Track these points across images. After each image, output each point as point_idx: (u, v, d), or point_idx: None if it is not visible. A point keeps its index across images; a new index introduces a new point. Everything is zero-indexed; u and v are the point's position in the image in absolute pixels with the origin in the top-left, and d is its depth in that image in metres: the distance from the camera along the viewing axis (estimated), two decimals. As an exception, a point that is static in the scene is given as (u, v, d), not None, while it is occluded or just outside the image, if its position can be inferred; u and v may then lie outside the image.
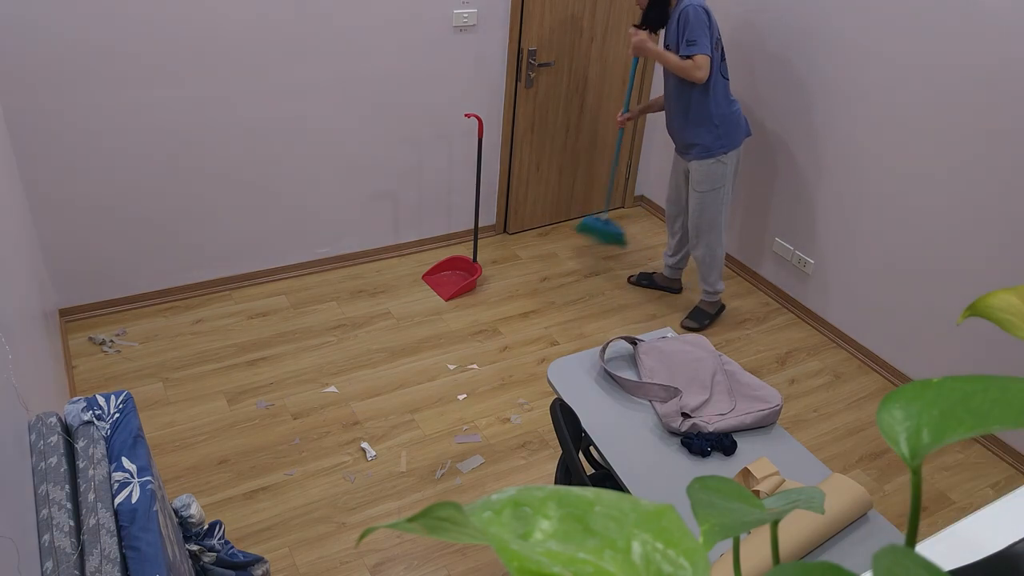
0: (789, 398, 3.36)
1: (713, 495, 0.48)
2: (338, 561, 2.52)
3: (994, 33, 2.81)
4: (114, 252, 3.43)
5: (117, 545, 1.47)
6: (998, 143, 2.89)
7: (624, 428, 2.10)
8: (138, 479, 1.60)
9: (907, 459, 0.41)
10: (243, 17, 3.20)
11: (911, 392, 0.43)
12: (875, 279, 3.49)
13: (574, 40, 4.05)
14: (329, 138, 3.66)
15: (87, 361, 3.26)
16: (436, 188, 4.10)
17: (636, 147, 4.63)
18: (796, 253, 3.86)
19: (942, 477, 3.03)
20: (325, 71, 3.49)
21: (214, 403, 3.10)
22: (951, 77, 2.99)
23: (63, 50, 2.95)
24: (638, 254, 4.35)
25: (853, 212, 3.52)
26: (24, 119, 2.99)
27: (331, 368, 3.32)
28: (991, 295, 0.52)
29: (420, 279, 3.97)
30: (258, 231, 3.73)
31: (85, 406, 1.73)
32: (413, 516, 0.36)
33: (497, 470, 2.91)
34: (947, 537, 0.62)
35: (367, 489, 2.78)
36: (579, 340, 3.62)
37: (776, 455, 2.04)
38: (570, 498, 0.39)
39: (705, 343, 2.38)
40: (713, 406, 2.16)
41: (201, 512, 1.95)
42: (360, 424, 3.05)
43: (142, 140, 3.25)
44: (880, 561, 0.35)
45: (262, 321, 3.58)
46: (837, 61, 3.42)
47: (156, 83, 3.17)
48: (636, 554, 0.37)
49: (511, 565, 0.34)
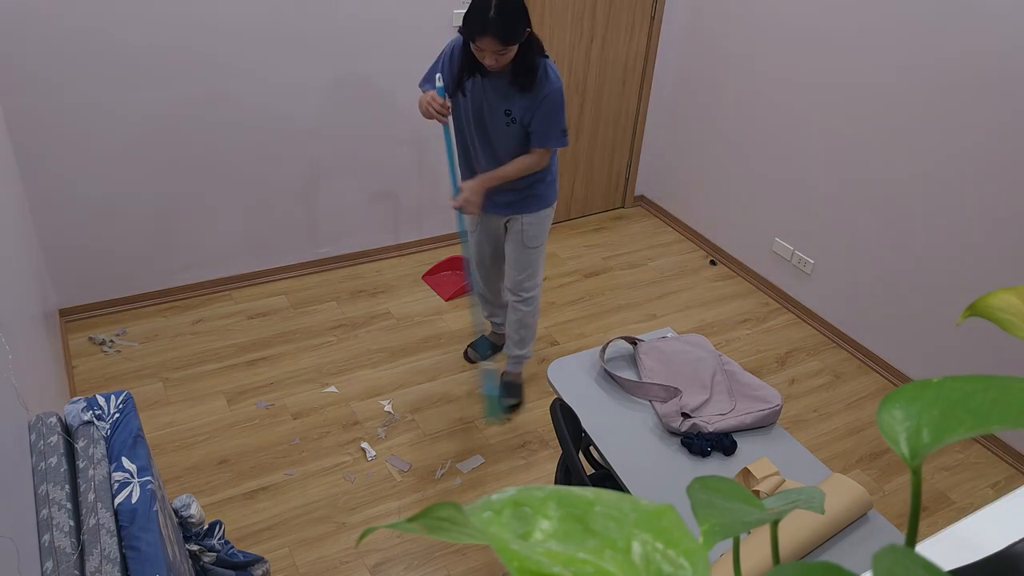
0: (789, 398, 3.36)
1: (713, 495, 0.48)
2: (338, 561, 2.52)
3: (995, 29, 2.81)
4: (114, 252, 3.43)
5: (117, 545, 1.47)
6: (999, 142, 2.89)
7: (624, 428, 2.10)
8: (138, 479, 1.60)
9: (907, 459, 0.41)
10: (243, 17, 3.20)
11: (911, 392, 0.43)
12: (875, 279, 3.49)
13: (574, 40, 4.05)
14: (329, 138, 3.66)
15: (87, 361, 3.26)
16: (436, 188, 4.10)
17: (636, 147, 4.63)
18: (796, 253, 3.86)
19: (942, 477, 3.03)
20: (325, 71, 3.49)
21: (214, 403, 3.10)
22: (951, 76, 2.99)
23: (63, 50, 2.94)
24: (638, 254, 4.35)
25: (853, 212, 3.52)
26: (24, 119, 2.99)
27: (331, 368, 3.32)
28: (991, 295, 0.52)
29: (420, 279, 3.97)
30: (258, 231, 3.73)
31: (85, 406, 1.73)
32: (413, 516, 0.36)
33: (497, 470, 2.91)
34: (947, 537, 0.62)
35: (367, 489, 2.78)
36: (579, 340, 3.62)
37: (776, 455, 2.04)
38: (570, 498, 0.39)
39: (705, 343, 2.38)
40: (713, 406, 2.16)
41: (201, 512, 1.95)
42: (360, 424, 3.05)
43: (142, 140, 3.25)
44: (880, 561, 0.35)
45: (262, 321, 3.58)
46: (837, 60, 3.42)
47: (156, 83, 3.16)
48: (636, 554, 0.37)
49: (511, 565, 0.34)
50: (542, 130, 2.60)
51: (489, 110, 2.61)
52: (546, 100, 2.54)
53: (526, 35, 2.43)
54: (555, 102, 2.55)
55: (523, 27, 2.40)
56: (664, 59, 4.37)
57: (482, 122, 2.65)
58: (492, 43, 2.36)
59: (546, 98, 2.54)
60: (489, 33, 2.35)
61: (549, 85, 2.53)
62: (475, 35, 2.37)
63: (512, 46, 2.40)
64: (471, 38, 2.40)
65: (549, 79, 2.53)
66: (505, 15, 2.34)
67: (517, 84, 2.52)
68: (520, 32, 2.39)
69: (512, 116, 2.59)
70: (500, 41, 2.36)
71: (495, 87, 2.56)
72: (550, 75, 2.53)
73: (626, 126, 4.53)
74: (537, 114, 2.56)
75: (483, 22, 2.34)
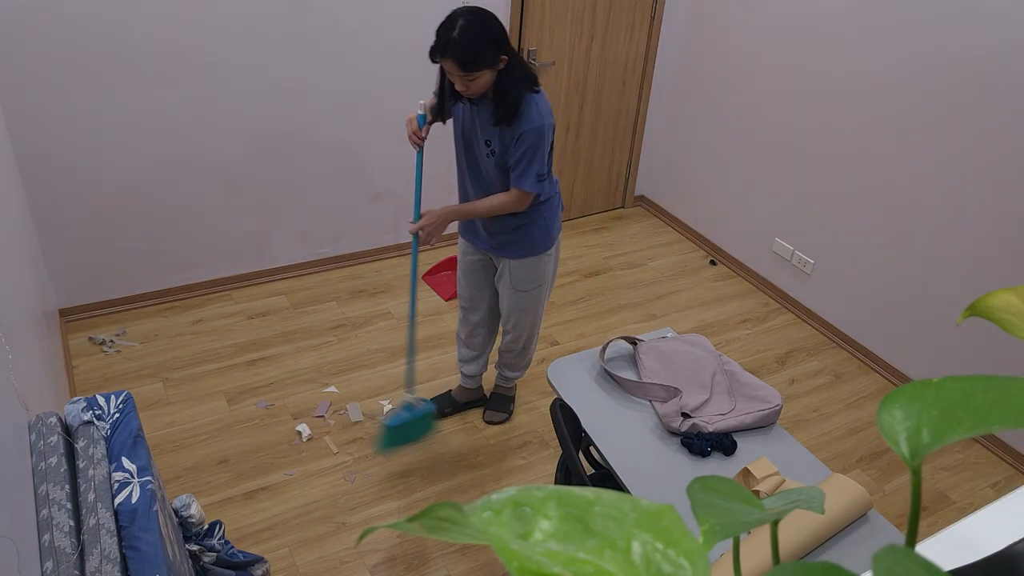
0: (789, 398, 3.36)
1: (713, 495, 0.48)
2: (338, 561, 2.52)
3: (995, 30, 2.81)
4: (114, 252, 3.43)
5: (117, 545, 1.47)
6: (999, 142, 2.89)
7: (624, 428, 2.10)
8: (138, 479, 1.60)
9: (907, 459, 0.41)
10: (244, 17, 3.20)
11: (911, 392, 0.43)
12: (875, 279, 3.49)
13: (574, 40, 4.05)
14: (329, 138, 3.66)
15: (87, 361, 3.26)
16: (436, 188, 4.09)
17: (636, 147, 4.63)
18: (796, 253, 3.86)
19: (942, 477, 3.03)
20: (325, 71, 3.49)
21: (214, 403, 3.10)
22: (951, 76, 2.99)
23: (63, 49, 2.94)
24: (638, 254, 4.36)
25: (853, 212, 3.52)
26: (24, 119, 2.99)
27: (331, 368, 3.32)
28: (991, 295, 0.52)
29: (420, 279, 3.97)
30: (258, 231, 3.73)
31: (85, 406, 1.73)
32: (413, 516, 0.36)
33: (497, 470, 2.91)
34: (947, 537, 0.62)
35: (367, 489, 2.78)
36: (579, 340, 3.62)
37: (776, 455, 2.04)
38: (570, 498, 0.39)
39: (705, 343, 2.38)
40: (713, 406, 2.16)
41: (201, 512, 1.95)
42: (360, 424, 3.05)
43: (142, 140, 3.25)
44: (880, 561, 0.35)
45: (262, 321, 3.58)
46: (837, 60, 3.42)
47: (156, 83, 3.17)
48: (636, 554, 0.37)
49: (511, 565, 0.34)
50: (518, 169, 2.37)
51: (475, 138, 2.44)
52: (522, 138, 2.31)
53: (500, 63, 2.24)
54: (532, 141, 2.31)
55: (492, 54, 2.20)
56: (664, 59, 4.37)
57: (470, 148, 2.49)
58: (452, 66, 2.20)
59: (522, 136, 2.30)
60: (449, 55, 2.17)
61: (528, 122, 2.29)
62: (436, 55, 2.20)
63: (477, 72, 2.20)
64: (432, 58, 2.23)
65: (530, 116, 2.29)
66: (468, 38, 2.15)
67: (495, 116, 2.32)
68: (487, 59, 2.19)
69: (492, 148, 2.40)
70: (459, 66, 2.18)
71: (480, 115, 2.39)
72: (532, 112, 2.30)
73: (626, 126, 4.53)
74: (514, 152, 2.35)
75: (444, 43, 2.17)
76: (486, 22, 2.20)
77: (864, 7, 3.25)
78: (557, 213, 2.64)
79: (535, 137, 2.31)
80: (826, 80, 3.49)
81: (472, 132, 2.45)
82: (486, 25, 2.20)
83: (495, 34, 2.21)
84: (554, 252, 2.70)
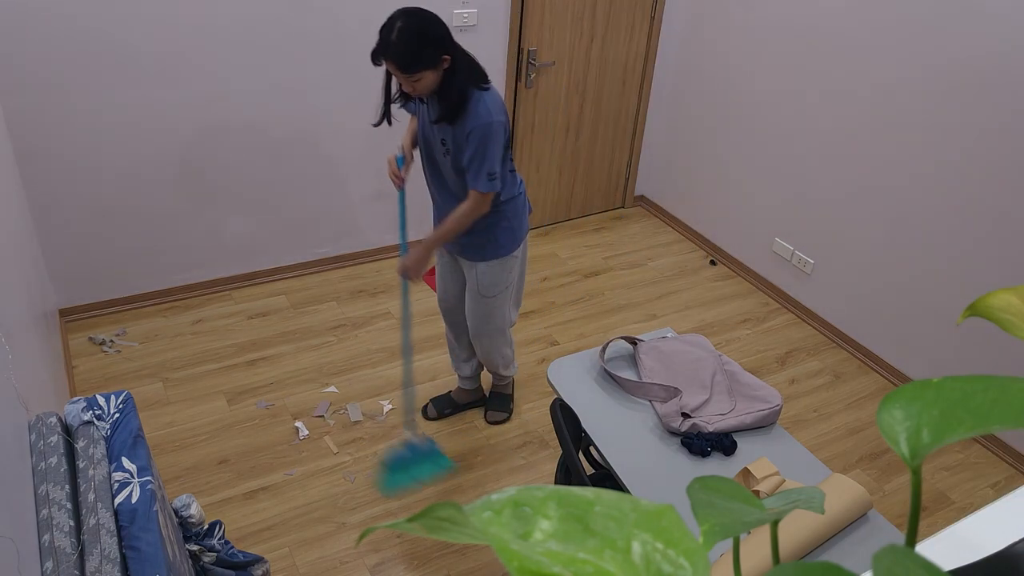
0: (789, 398, 3.36)
1: (713, 495, 0.48)
2: (338, 561, 2.52)
3: (995, 30, 2.81)
4: (114, 252, 3.43)
5: (117, 545, 1.47)
6: (998, 142, 2.89)
7: (624, 428, 2.10)
8: (138, 479, 1.60)
9: (907, 459, 0.41)
10: (244, 17, 3.20)
11: (911, 392, 0.43)
12: (875, 279, 3.49)
13: (574, 40, 4.05)
14: (329, 138, 3.66)
15: (87, 361, 3.26)
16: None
17: (636, 147, 4.63)
18: (796, 253, 3.86)
19: (942, 477, 3.03)
20: (325, 71, 3.49)
21: (214, 403, 3.10)
22: (951, 76, 2.99)
23: (63, 49, 2.94)
24: (638, 254, 4.36)
25: (853, 212, 3.52)
26: (24, 119, 2.99)
27: (331, 368, 3.32)
28: (991, 295, 0.52)
29: (420, 279, 3.96)
30: (258, 231, 3.73)
31: (85, 406, 1.73)
32: (413, 516, 0.36)
33: (497, 470, 2.91)
34: (947, 537, 0.62)
35: (367, 489, 2.78)
36: (579, 340, 3.62)
37: (776, 455, 2.04)
38: (570, 498, 0.39)
39: (705, 343, 2.38)
40: (713, 406, 2.16)
41: (201, 512, 1.95)
42: (360, 423, 3.05)
43: (142, 140, 3.25)
44: (880, 561, 0.35)
45: (262, 321, 3.58)
46: (837, 60, 3.42)
47: (156, 83, 3.17)
48: (636, 554, 0.37)
49: (511, 565, 0.34)
50: (471, 169, 2.34)
51: (433, 137, 2.43)
52: (471, 136, 2.28)
53: (444, 62, 2.22)
54: (480, 139, 2.27)
55: (432, 54, 2.18)
56: (664, 59, 4.37)
57: (429, 149, 2.48)
58: (393, 68, 2.19)
59: (471, 133, 2.27)
60: (389, 58, 2.17)
61: (476, 120, 2.26)
62: (377, 57, 2.19)
63: (418, 74, 2.19)
64: (374, 60, 2.20)
65: (477, 113, 2.26)
66: (406, 40, 2.13)
67: (439, 114, 2.31)
68: (426, 60, 2.17)
69: (447, 147, 2.39)
70: (399, 68, 2.17)
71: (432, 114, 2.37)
72: (480, 109, 2.27)
73: (626, 126, 4.53)
74: (466, 151, 2.32)
75: (384, 44, 2.16)
76: (425, 23, 2.19)
77: (864, 7, 3.25)
78: (522, 214, 2.61)
79: (482, 134, 2.28)
80: (826, 80, 3.49)
81: (430, 131, 2.43)
82: (425, 26, 2.18)
83: (435, 34, 2.20)
84: (520, 255, 2.68)
